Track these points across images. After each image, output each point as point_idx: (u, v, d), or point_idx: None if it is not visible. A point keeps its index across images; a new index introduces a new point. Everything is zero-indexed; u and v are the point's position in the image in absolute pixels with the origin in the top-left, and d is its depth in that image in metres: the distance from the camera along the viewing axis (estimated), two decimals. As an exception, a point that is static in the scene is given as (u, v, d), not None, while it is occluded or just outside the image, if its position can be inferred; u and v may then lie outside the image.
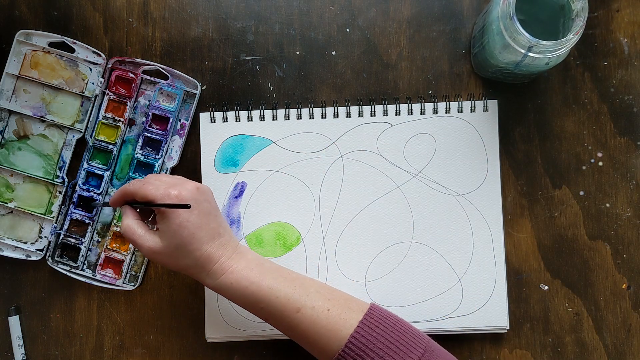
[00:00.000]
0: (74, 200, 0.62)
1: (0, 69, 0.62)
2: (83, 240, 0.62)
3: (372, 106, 0.61)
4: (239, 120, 0.62)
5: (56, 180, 0.63)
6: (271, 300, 0.51)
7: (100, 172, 0.62)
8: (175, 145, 0.63)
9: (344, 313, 0.50)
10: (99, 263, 0.63)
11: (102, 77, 0.62)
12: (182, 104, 0.63)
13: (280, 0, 0.63)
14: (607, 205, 0.61)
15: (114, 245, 0.63)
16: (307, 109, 0.62)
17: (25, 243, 0.63)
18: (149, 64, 0.62)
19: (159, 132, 0.62)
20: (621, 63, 0.61)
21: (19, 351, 0.62)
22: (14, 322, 0.63)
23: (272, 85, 0.63)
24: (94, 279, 0.63)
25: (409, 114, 0.61)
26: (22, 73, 0.62)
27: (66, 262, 0.63)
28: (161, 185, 0.51)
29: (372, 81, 0.62)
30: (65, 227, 0.63)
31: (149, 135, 0.62)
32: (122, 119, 0.62)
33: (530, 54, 0.51)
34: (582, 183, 0.61)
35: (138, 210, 0.55)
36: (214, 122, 0.62)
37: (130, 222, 0.52)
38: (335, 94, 0.63)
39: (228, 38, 0.63)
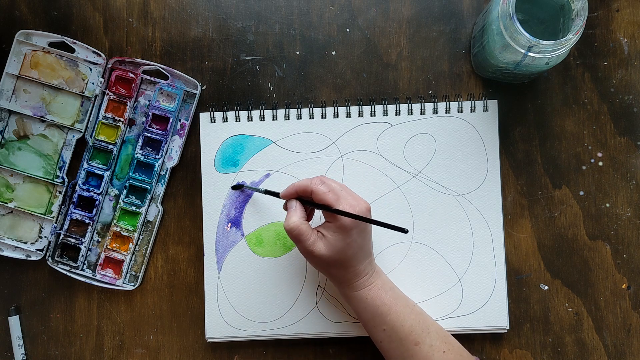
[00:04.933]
0: (74, 200, 0.62)
1: (0, 69, 0.62)
2: (83, 240, 0.62)
3: (372, 106, 0.61)
4: (239, 120, 0.62)
5: (56, 180, 0.63)
6: (395, 327, 0.53)
7: (100, 172, 0.62)
8: (175, 145, 0.63)
9: (457, 358, 0.54)
10: (99, 263, 0.63)
11: (102, 77, 0.62)
12: (182, 104, 0.63)
13: (280, 0, 0.63)
14: (607, 205, 0.61)
15: (114, 245, 0.63)
16: (307, 109, 0.62)
17: (25, 243, 0.63)
18: (149, 64, 0.62)
19: (159, 132, 0.62)
20: (621, 63, 0.61)
21: (19, 351, 0.62)
22: (14, 322, 0.63)
23: (272, 85, 0.63)
24: (94, 279, 0.63)
25: (409, 114, 0.61)
26: (22, 73, 0.62)
27: (66, 262, 0.63)
28: (343, 199, 0.52)
29: (372, 81, 0.62)
30: (65, 227, 0.63)
31: (149, 135, 0.62)
32: (122, 119, 0.62)
33: (530, 54, 0.51)
34: (582, 183, 0.61)
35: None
36: (214, 122, 0.62)
37: (299, 222, 0.52)
38: (335, 94, 0.63)
39: (228, 38, 0.63)
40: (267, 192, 0.58)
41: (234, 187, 0.61)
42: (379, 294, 0.54)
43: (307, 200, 0.54)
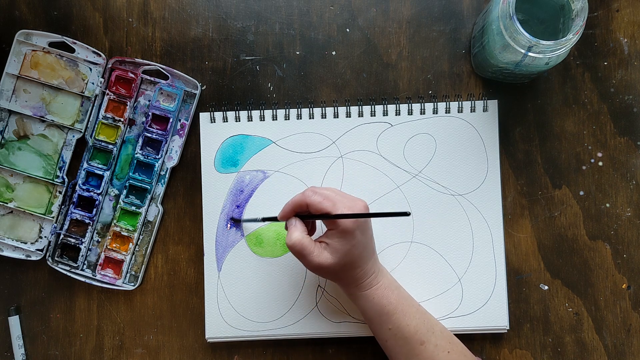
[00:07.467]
0: (74, 200, 0.62)
1: (0, 69, 0.62)
2: (83, 240, 0.62)
3: (372, 106, 0.61)
4: (239, 120, 0.62)
5: (56, 180, 0.63)
6: (401, 326, 0.53)
7: (100, 172, 0.62)
8: (175, 145, 0.63)
9: (461, 358, 0.54)
10: (99, 263, 0.63)
11: (102, 77, 0.62)
12: (182, 104, 0.63)
13: (280, 0, 0.63)
14: (607, 205, 0.61)
15: (114, 245, 0.63)
16: (307, 109, 0.62)
17: (25, 243, 0.63)
18: (149, 64, 0.62)
19: (159, 132, 0.62)
20: (621, 63, 0.61)
21: (19, 351, 0.62)
22: (14, 322, 0.63)
23: (272, 85, 0.63)
24: (94, 279, 0.63)
25: (409, 114, 0.61)
26: (22, 73, 0.62)
27: (66, 262, 0.63)
28: (340, 203, 0.52)
29: (372, 81, 0.62)
30: (65, 227, 0.63)
31: (149, 135, 0.62)
32: (122, 119, 0.62)
33: (530, 54, 0.51)
34: (582, 183, 0.61)
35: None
36: (214, 122, 0.62)
37: (301, 237, 0.52)
38: (335, 94, 0.63)
39: (228, 38, 0.63)
40: (265, 219, 0.58)
41: (232, 219, 0.61)
42: (385, 293, 0.54)
43: (306, 214, 0.54)
